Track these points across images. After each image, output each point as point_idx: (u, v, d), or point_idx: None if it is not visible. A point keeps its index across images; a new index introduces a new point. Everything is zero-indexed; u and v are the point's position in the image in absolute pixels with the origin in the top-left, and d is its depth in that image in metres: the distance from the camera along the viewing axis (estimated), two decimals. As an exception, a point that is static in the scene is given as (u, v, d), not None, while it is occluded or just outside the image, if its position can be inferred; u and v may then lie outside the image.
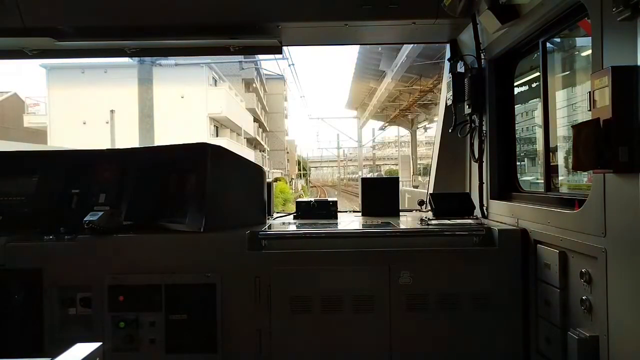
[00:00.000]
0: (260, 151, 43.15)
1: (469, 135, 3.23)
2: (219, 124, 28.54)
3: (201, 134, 23.32)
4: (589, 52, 1.91)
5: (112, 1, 3.02)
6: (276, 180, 31.48)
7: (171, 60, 19.33)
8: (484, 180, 3.06)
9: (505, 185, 2.97)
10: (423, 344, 2.49)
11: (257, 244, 2.52)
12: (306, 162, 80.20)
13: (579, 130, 1.79)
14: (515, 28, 2.55)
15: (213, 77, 27.43)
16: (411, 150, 34.45)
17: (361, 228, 2.90)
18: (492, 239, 2.54)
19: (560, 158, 3.13)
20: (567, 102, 3.22)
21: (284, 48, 3.81)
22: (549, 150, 2.56)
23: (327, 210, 3.26)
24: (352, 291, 2.49)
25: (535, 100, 3.26)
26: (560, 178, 3.19)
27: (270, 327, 2.48)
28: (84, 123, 23.73)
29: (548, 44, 2.55)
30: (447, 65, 3.56)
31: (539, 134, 2.67)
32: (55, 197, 2.73)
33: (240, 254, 2.49)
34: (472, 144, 3.20)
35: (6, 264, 2.43)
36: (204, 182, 2.58)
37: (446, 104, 3.45)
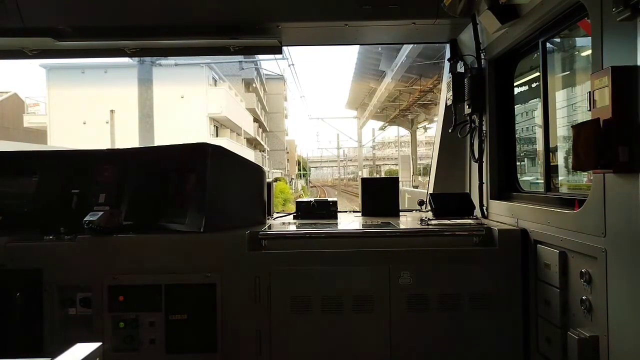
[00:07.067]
0: (260, 151, 43.14)
1: (469, 135, 3.23)
2: (219, 124, 28.53)
3: (201, 134, 23.30)
4: (589, 52, 1.91)
5: (112, 1, 3.02)
6: (276, 180, 31.47)
7: (171, 60, 19.29)
8: (484, 180, 3.06)
9: (505, 185, 2.97)
10: (423, 344, 2.49)
11: (257, 244, 2.52)
12: (306, 162, 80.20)
13: (578, 130, 1.79)
14: (515, 28, 2.55)
15: (213, 77, 27.42)
16: (411, 150, 34.46)
17: (361, 228, 2.90)
18: (492, 239, 2.53)
19: (560, 158, 3.13)
20: (567, 102, 3.22)
21: (284, 48, 3.81)
22: (549, 150, 2.56)
23: (327, 210, 3.26)
24: (352, 291, 2.49)
25: (535, 100, 3.26)
26: (560, 178, 3.19)
27: (270, 327, 2.48)
28: (84, 123, 23.71)
29: (548, 44, 2.55)
30: (447, 65, 3.56)
31: (539, 134, 2.67)
32: (55, 197, 2.73)
33: (240, 254, 2.49)
34: (472, 144, 3.20)
35: (6, 264, 2.43)
36: (204, 182, 2.58)
37: (446, 104, 3.45)
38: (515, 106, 3.01)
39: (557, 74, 3.14)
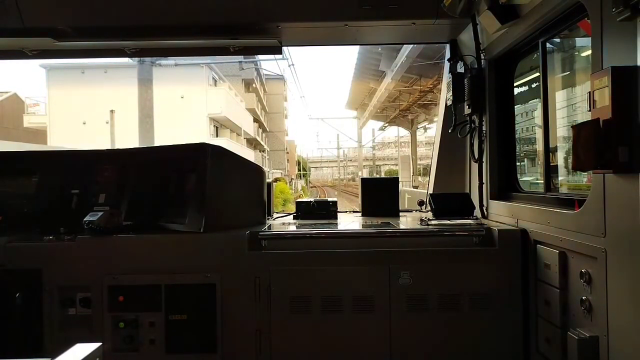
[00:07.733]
0: (260, 151, 43.14)
1: (469, 135, 3.23)
2: (219, 124, 28.53)
3: (201, 134, 23.28)
4: (589, 52, 1.91)
5: (112, 1, 3.02)
6: (276, 180, 31.47)
7: (171, 61, 19.27)
8: (484, 181, 3.06)
9: (505, 186, 2.97)
10: (423, 344, 2.49)
11: (257, 244, 2.52)
12: (306, 162, 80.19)
13: (578, 130, 1.79)
14: (515, 28, 2.55)
15: (213, 77, 27.40)
16: (411, 150, 34.46)
17: (361, 228, 2.90)
18: (492, 239, 2.53)
19: (560, 158, 3.13)
20: (567, 103, 3.22)
21: (284, 48, 3.81)
22: (549, 151, 2.56)
23: (327, 210, 3.26)
24: (352, 291, 2.49)
25: (535, 100, 3.26)
26: (560, 178, 3.19)
27: (270, 327, 2.48)
28: (84, 123, 23.70)
29: (548, 44, 2.55)
30: (447, 65, 3.56)
31: (539, 134, 2.67)
32: (55, 197, 2.73)
33: (240, 254, 2.49)
34: (472, 144, 3.20)
35: (6, 264, 2.43)
36: (203, 182, 2.58)
37: (446, 104, 3.45)
38: (515, 106, 3.01)
39: (557, 74, 3.14)
